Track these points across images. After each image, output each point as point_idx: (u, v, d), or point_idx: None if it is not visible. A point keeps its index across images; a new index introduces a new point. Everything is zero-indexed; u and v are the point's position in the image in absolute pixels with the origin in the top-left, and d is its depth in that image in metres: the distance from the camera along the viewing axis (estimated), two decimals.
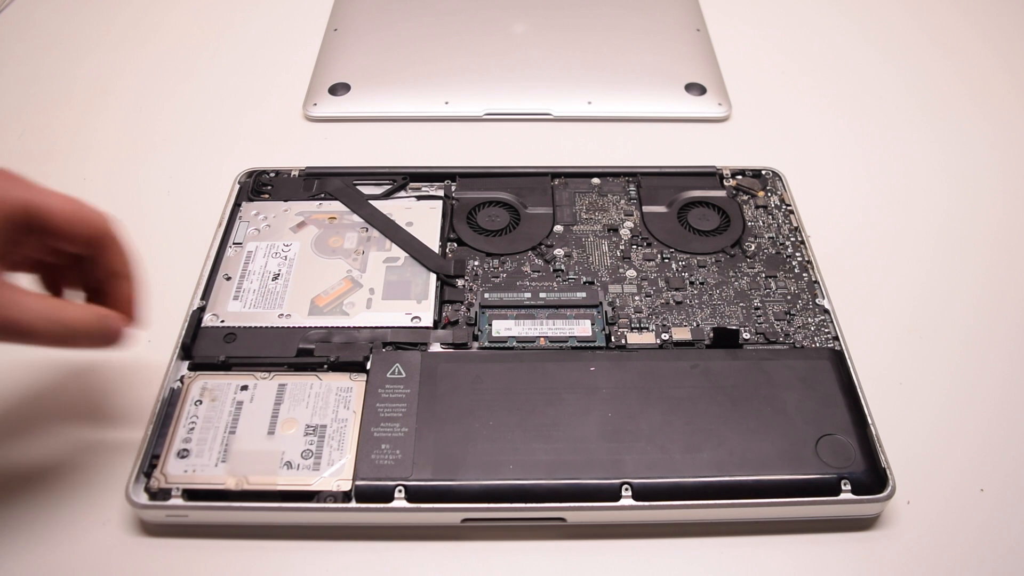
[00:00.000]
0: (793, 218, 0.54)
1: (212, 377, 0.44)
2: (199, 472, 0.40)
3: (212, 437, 0.41)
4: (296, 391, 0.43)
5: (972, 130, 0.65)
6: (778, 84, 0.70)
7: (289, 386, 0.43)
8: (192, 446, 0.41)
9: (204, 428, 0.42)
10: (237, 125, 0.65)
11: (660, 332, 0.47)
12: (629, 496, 0.40)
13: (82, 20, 0.76)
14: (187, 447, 0.41)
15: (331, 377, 0.44)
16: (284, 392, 0.43)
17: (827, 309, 0.49)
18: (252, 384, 0.44)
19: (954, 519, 0.42)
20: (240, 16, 0.77)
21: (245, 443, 0.41)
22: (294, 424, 0.42)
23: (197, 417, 0.42)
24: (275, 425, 0.42)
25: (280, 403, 0.43)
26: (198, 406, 0.43)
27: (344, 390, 0.43)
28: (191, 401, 0.43)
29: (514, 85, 0.67)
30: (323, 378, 0.44)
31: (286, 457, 0.40)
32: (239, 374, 0.44)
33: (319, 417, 0.42)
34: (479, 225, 0.54)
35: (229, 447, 0.41)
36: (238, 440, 0.41)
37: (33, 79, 0.70)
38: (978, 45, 0.74)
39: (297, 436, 0.41)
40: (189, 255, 0.52)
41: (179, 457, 0.40)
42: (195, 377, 0.44)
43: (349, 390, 0.43)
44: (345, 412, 0.42)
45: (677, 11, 0.74)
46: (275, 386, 0.43)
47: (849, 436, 0.42)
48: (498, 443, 0.41)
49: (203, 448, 0.41)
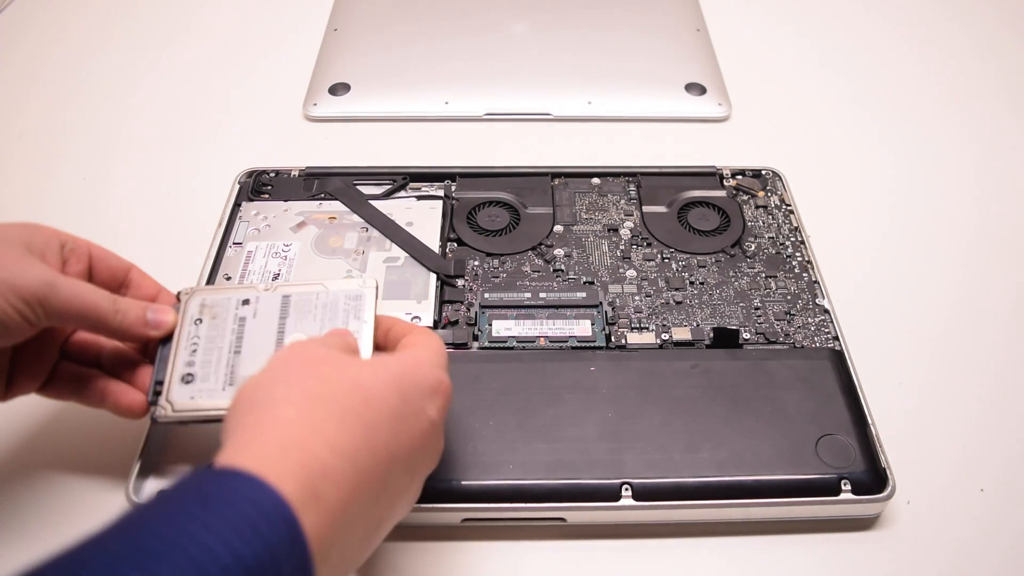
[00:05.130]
0: (793, 218, 0.54)
1: (211, 292, 0.41)
2: (206, 398, 0.37)
3: (216, 359, 0.38)
4: (302, 303, 0.40)
5: (971, 132, 0.65)
6: (778, 84, 0.70)
7: (294, 297, 0.40)
8: (196, 370, 0.38)
9: (207, 350, 0.39)
10: (237, 125, 0.65)
11: (660, 332, 0.47)
12: (629, 496, 0.40)
13: (82, 21, 0.76)
14: (191, 371, 0.38)
15: (338, 284, 0.41)
16: (289, 304, 0.40)
17: (827, 309, 0.49)
18: (254, 297, 0.40)
19: (954, 519, 0.42)
20: (240, 16, 0.76)
21: (251, 364, 0.38)
22: (301, 340, 0.38)
23: (199, 338, 0.39)
24: (282, 342, 0.39)
25: (285, 317, 0.40)
26: (198, 325, 0.39)
27: (353, 297, 0.40)
28: (190, 320, 0.40)
29: (514, 85, 0.67)
30: (329, 286, 0.40)
31: None
32: (239, 287, 0.41)
33: (329, 329, 0.39)
34: (479, 225, 0.54)
35: (235, 370, 0.38)
36: (244, 362, 0.38)
37: (33, 79, 0.70)
38: (977, 47, 0.74)
39: None
40: (189, 255, 0.52)
41: (184, 383, 0.38)
42: (193, 292, 0.41)
43: (359, 297, 0.40)
44: (356, 323, 0.39)
45: (677, 11, 0.74)
46: (279, 298, 0.40)
47: (849, 436, 0.42)
48: (498, 443, 0.41)
49: (208, 372, 0.38)
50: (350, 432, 0.30)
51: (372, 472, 0.30)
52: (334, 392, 0.31)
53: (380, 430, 0.31)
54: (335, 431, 0.30)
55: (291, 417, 0.30)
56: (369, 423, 0.31)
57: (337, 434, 0.30)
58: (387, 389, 0.32)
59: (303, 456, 0.29)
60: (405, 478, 0.33)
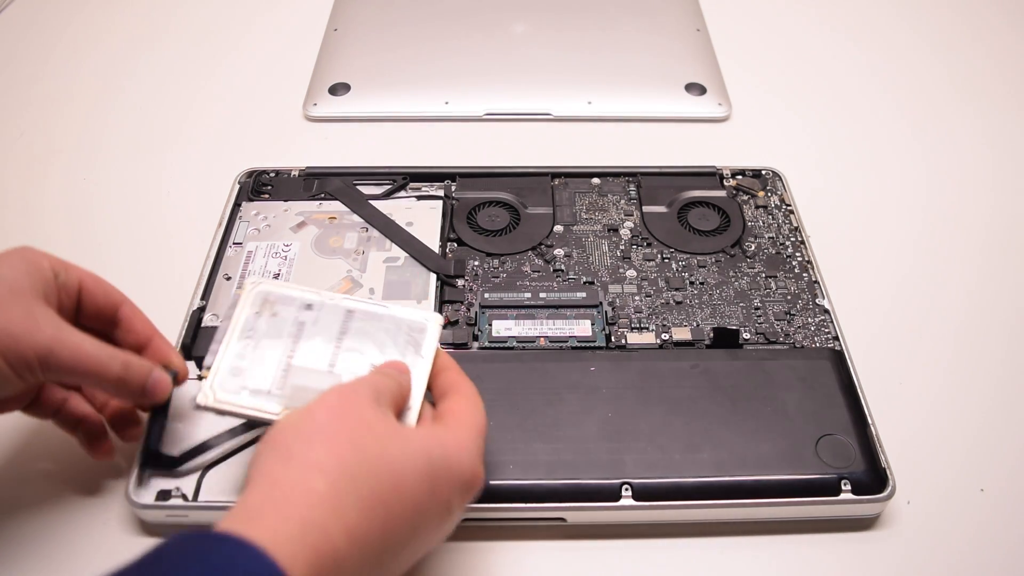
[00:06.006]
0: (793, 218, 0.54)
1: (277, 287, 0.39)
2: (251, 398, 0.36)
3: (269, 359, 0.37)
4: (364, 322, 0.38)
5: (972, 131, 0.65)
6: (778, 84, 0.70)
7: (357, 314, 0.39)
8: (247, 364, 0.37)
9: (262, 346, 0.37)
10: (237, 125, 0.65)
11: (660, 332, 0.47)
12: (629, 496, 0.40)
13: (82, 20, 0.76)
14: (242, 365, 0.37)
15: (404, 312, 0.39)
16: (351, 320, 0.39)
17: (827, 309, 0.49)
18: (318, 303, 0.39)
19: (954, 519, 0.42)
20: (240, 16, 0.77)
21: (303, 375, 0.37)
22: (357, 362, 0.37)
23: (255, 331, 0.38)
24: (337, 359, 0.37)
25: (345, 333, 0.38)
26: (257, 317, 0.38)
27: (417, 329, 0.38)
28: (250, 308, 0.38)
29: (514, 85, 0.67)
30: (395, 312, 0.39)
31: None
32: (305, 289, 0.40)
33: (385, 358, 0.37)
34: (479, 225, 0.54)
35: (287, 375, 0.37)
36: (296, 369, 0.37)
37: (33, 79, 0.70)
38: (977, 48, 0.74)
39: (358, 376, 0.37)
40: (189, 255, 0.52)
41: (232, 374, 0.37)
42: (258, 283, 0.39)
43: (422, 331, 0.38)
44: (414, 357, 0.37)
45: (677, 11, 0.74)
46: (342, 312, 0.39)
47: (849, 436, 0.42)
48: (498, 443, 0.41)
49: (258, 369, 0.37)
50: (371, 521, 0.30)
51: (381, 559, 0.31)
52: (369, 470, 0.31)
53: (402, 521, 0.31)
54: (357, 517, 0.30)
55: (320, 491, 0.29)
56: (393, 513, 0.31)
57: (359, 521, 0.30)
58: (420, 479, 0.32)
59: (320, 539, 0.28)
60: (408, 559, 0.33)
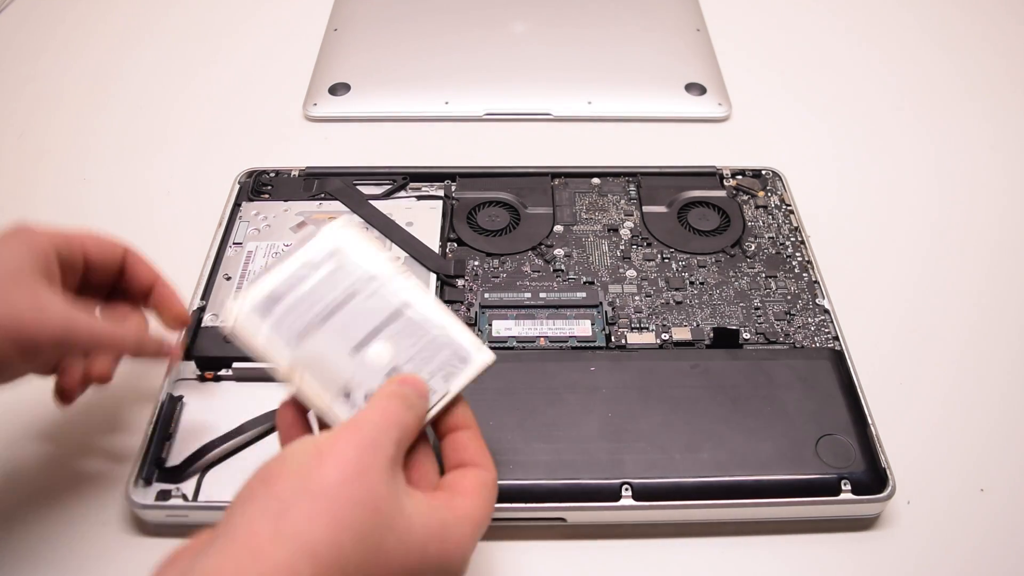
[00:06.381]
0: (793, 218, 0.54)
1: (355, 241, 0.36)
2: (267, 339, 0.34)
3: (307, 310, 0.34)
4: (412, 325, 0.35)
5: (972, 130, 0.65)
6: (778, 84, 0.70)
7: (409, 314, 0.35)
8: (285, 302, 0.34)
9: (306, 293, 0.35)
10: (237, 125, 0.65)
11: (660, 332, 0.47)
12: (629, 496, 0.40)
13: (82, 20, 0.76)
14: (281, 297, 0.35)
15: (461, 334, 0.35)
16: (400, 317, 0.35)
17: (827, 309, 0.49)
18: (385, 277, 0.36)
19: (954, 519, 0.42)
20: (240, 16, 0.77)
21: (325, 343, 0.34)
22: (384, 357, 0.35)
23: (311, 275, 0.35)
24: (365, 347, 0.35)
25: (388, 324, 0.35)
26: (319, 265, 0.35)
27: (460, 358, 0.35)
28: (322, 250, 0.36)
29: (514, 85, 0.67)
30: (451, 330, 0.35)
31: (351, 387, 0.34)
32: (379, 253, 0.36)
33: (411, 369, 0.35)
34: (479, 225, 0.54)
35: (310, 334, 0.34)
36: (320, 335, 0.34)
37: (33, 79, 0.70)
38: (978, 46, 0.74)
39: (376, 373, 0.34)
40: (189, 255, 0.52)
41: (263, 305, 0.34)
42: (342, 227, 0.36)
43: (465, 360, 0.35)
44: (440, 383, 0.34)
45: (677, 11, 0.74)
46: (397, 303, 0.35)
47: (849, 436, 0.42)
48: (498, 443, 0.41)
49: (293, 313, 0.34)
50: None
51: None
52: (360, 564, 0.28)
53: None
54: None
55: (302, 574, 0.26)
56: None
57: None
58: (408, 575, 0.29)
59: None
60: None
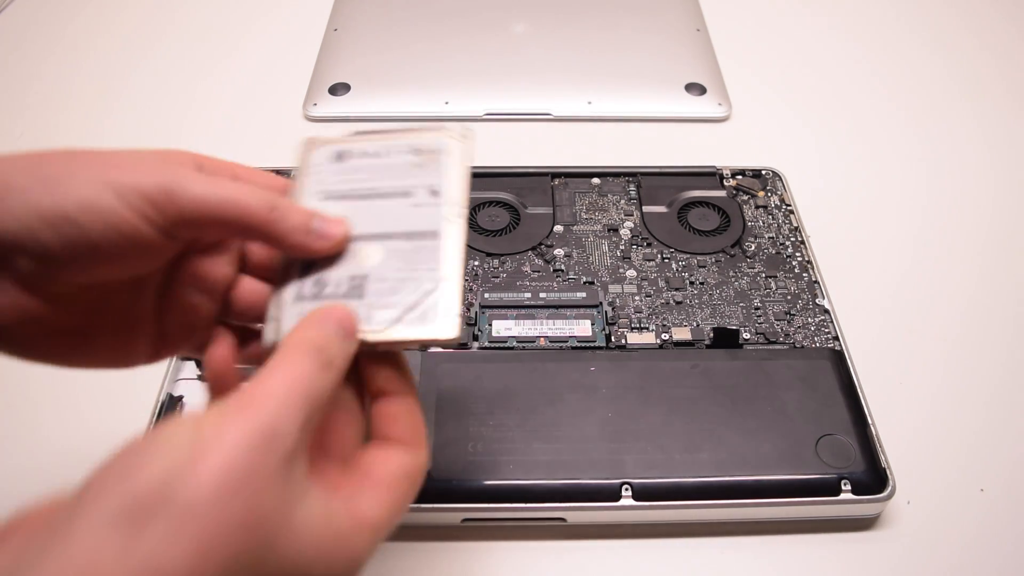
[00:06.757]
0: (793, 218, 0.54)
1: (457, 161, 0.33)
2: (317, 174, 0.33)
3: (359, 180, 0.32)
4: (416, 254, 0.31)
5: (971, 131, 0.65)
6: (778, 84, 0.70)
7: (429, 243, 0.31)
8: (349, 162, 0.33)
9: (375, 169, 0.33)
10: (237, 125, 0.65)
11: (660, 332, 0.47)
12: (629, 496, 0.40)
13: (82, 20, 0.76)
14: (348, 158, 0.33)
15: (448, 292, 0.30)
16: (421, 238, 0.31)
17: (827, 309, 0.49)
18: (444, 202, 0.32)
19: (954, 519, 0.42)
20: (240, 16, 0.76)
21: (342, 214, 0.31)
22: (366, 261, 0.31)
23: (391, 156, 0.33)
24: (364, 241, 0.31)
25: (402, 239, 0.31)
26: (414, 152, 0.33)
27: (422, 312, 0.30)
28: (424, 145, 0.33)
29: (514, 85, 0.67)
30: (446, 281, 0.30)
31: (326, 279, 0.31)
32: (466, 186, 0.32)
33: (377, 288, 0.30)
34: (479, 225, 0.54)
35: (338, 200, 0.32)
36: (348, 207, 0.32)
37: (33, 79, 0.70)
38: (976, 47, 0.74)
39: (343, 273, 0.31)
40: None
41: (333, 153, 0.33)
42: (461, 139, 0.34)
43: (424, 319, 0.29)
44: (386, 321, 0.29)
45: (677, 11, 0.74)
46: (432, 228, 0.31)
47: (849, 436, 0.42)
48: (498, 443, 0.41)
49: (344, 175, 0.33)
50: None
51: None
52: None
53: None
54: None
55: None
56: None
57: None
58: None
59: None
60: None
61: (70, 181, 0.26)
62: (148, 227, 0.27)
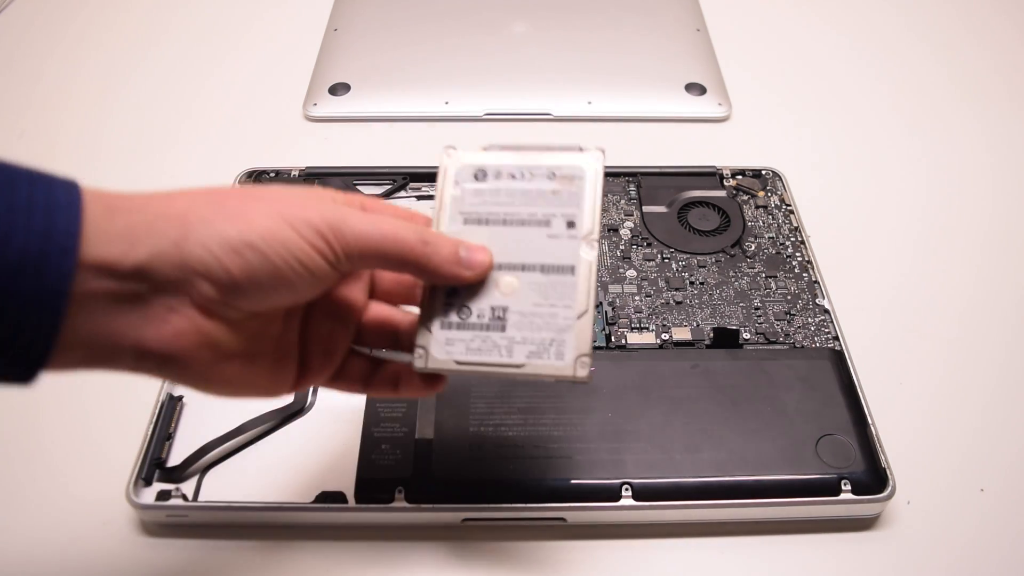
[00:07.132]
0: (793, 218, 0.54)
1: (594, 188, 0.34)
2: (459, 193, 0.34)
3: (498, 203, 0.33)
4: (554, 288, 0.33)
5: (970, 131, 0.65)
6: (778, 84, 0.70)
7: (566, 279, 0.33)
8: (488, 182, 0.34)
9: (514, 193, 0.33)
10: (237, 125, 0.65)
11: (660, 332, 0.47)
12: (629, 496, 0.40)
13: (82, 21, 0.76)
14: (488, 176, 0.34)
15: (580, 330, 0.32)
16: (559, 273, 0.33)
17: (827, 309, 0.49)
18: (580, 233, 0.33)
19: (954, 519, 0.42)
20: (240, 16, 0.77)
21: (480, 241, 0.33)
22: (507, 290, 0.33)
23: (531, 179, 0.34)
24: (505, 271, 0.33)
25: (540, 272, 0.33)
26: (553, 177, 0.34)
27: (548, 346, 0.32)
28: (564, 167, 0.34)
29: (514, 85, 0.67)
30: (577, 316, 0.32)
31: (466, 299, 0.33)
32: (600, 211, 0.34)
33: (514, 321, 0.33)
34: None
35: (477, 224, 0.33)
36: (485, 234, 0.33)
37: (34, 79, 0.70)
38: (975, 47, 0.74)
39: (485, 299, 0.33)
40: None
41: (471, 170, 0.34)
42: (599, 162, 0.35)
43: (542, 354, 0.32)
44: (504, 353, 0.33)
45: (677, 11, 0.74)
46: (570, 261, 0.33)
47: (849, 436, 0.42)
48: (500, 443, 0.41)
49: (484, 196, 0.34)
50: None
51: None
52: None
53: None
54: None
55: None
56: None
57: None
58: None
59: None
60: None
61: (250, 214, 0.29)
62: (320, 257, 0.30)
